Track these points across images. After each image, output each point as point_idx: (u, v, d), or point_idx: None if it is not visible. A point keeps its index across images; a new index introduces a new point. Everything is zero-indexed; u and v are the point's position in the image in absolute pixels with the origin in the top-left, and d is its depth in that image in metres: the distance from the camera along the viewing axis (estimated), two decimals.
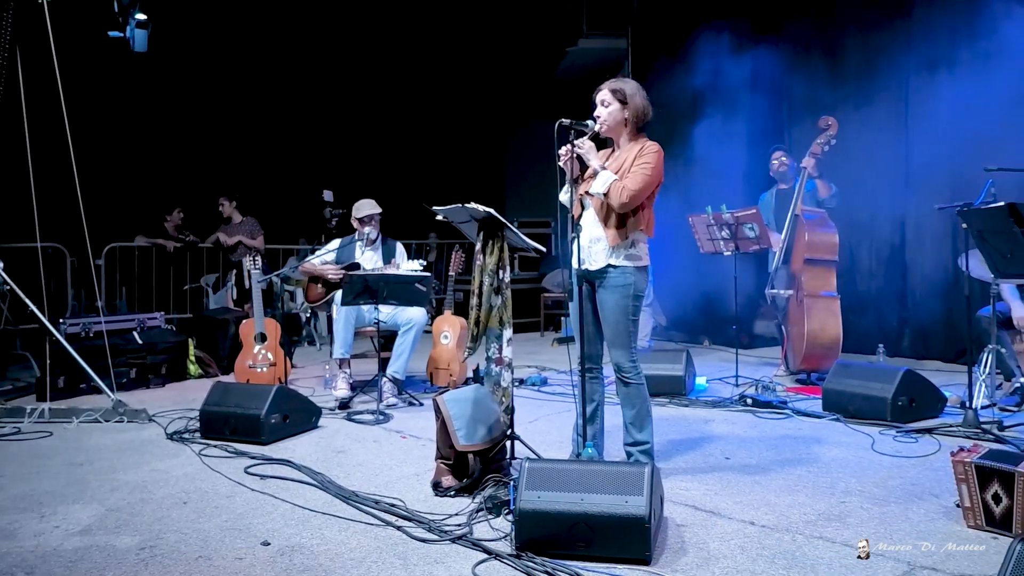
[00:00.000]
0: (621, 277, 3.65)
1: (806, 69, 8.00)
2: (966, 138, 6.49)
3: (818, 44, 7.88)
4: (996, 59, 6.30)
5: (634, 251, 3.68)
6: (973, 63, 6.47)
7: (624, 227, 3.63)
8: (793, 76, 8.14)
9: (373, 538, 3.12)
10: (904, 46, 7.13)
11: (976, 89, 6.44)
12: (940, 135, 6.81)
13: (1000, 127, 6.28)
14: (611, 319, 3.69)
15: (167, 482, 3.89)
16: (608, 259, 3.66)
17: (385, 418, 5.17)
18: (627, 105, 3.67)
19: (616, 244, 3.63)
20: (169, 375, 6.77)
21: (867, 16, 7.46)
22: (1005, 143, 6.20)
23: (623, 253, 3.65)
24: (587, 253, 3.69)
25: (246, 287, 8.18)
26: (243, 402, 4.66)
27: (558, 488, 2.92)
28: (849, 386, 4.98)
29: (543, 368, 7.11)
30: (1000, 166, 4.78)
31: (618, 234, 3.63)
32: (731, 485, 3.72)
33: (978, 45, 6.44)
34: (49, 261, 8.22)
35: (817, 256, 5.98)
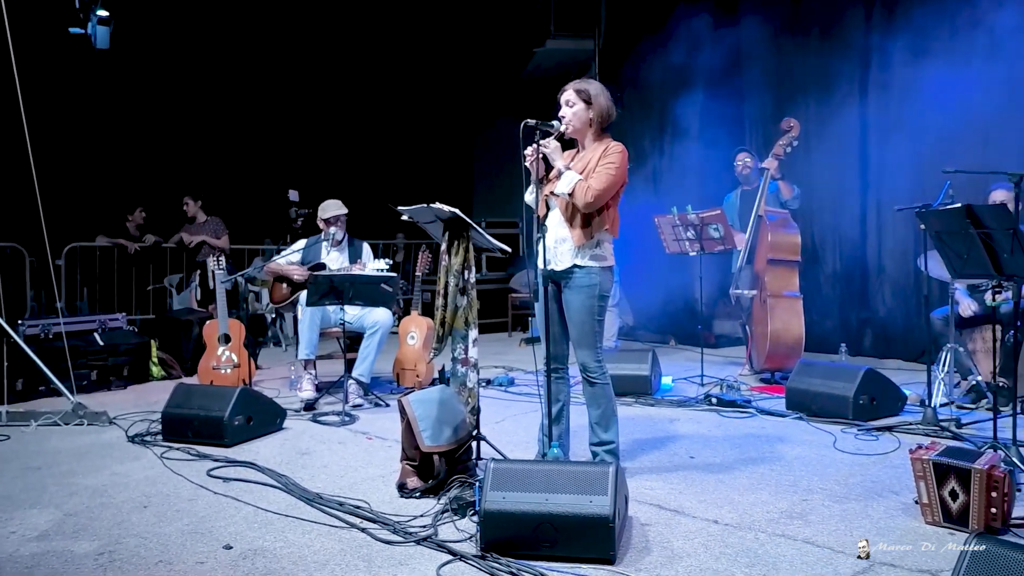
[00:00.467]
0: (587, 277, 3.66)
1: (767, 72, 8.09)
2: (928, 139, 6.61)
3: (780, 47, 7.96)
4: (959, 58, 6.42)
5: (599, 251, 3.69)
6: (936, 63, 6.57)
7: (589, 227, 3.64)
8: (755, 80, 8.22)
9: (337, 540, 3.10)
10: (864, 46, 7.23)
11: (936, 90, 6.55)
12: (902, 135, 6.92)
13: (962, 128, 6.41)
14: (577, 319, 3.70)
15: (127, 486, 3.83)
16: (574, 259, 3.67)
17: (351, 419, 5.14)
18: (592, 105, 3.68)
19: (581, 244, 3.64)
20: (131, 377, 6.68)
21: (827, 19, 7.55)
22: (967, 143, 6.33)
23: (588, 253, 3.66)
24: (552, 253, 3.69)
25: (210, 288, 8.08)
26: (206, 404, 4.61)
27: (523, 488, 2.92)
28: (812, 385, 5.04)
29: (510, 368, 7.12)
30: (959, 167, 4.86)
31: (583, 234, 3.63)
32: (695, 484, 3.75)
33: (940, 45, 6.56)
34: (7, 261, 8.07)
35: (780, 256, 6.05)
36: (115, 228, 9.54)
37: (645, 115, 9.21)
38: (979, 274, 3.77)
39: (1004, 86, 6.19)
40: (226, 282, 6.22)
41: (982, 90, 6.27)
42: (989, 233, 3.55)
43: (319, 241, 6.19)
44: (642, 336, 9.07)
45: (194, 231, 8.53)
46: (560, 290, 3.76)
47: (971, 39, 6.35)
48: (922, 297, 5.19)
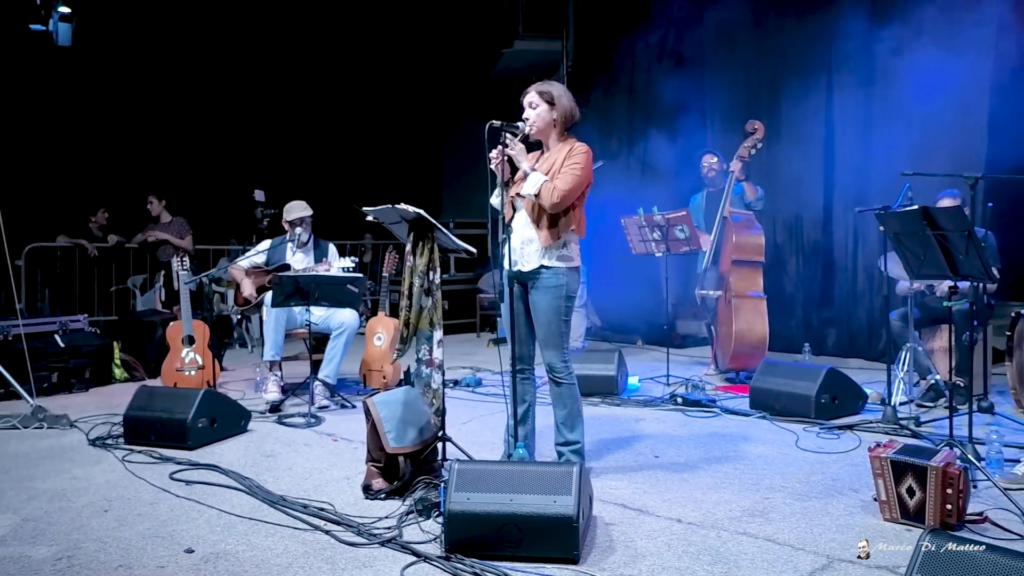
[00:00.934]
0: (554, 278, 3.68)
1: (732, 75, 8.16)
2: (890, 141, 6.72)
3: (744, 49, 8.04)
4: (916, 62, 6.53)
5: (566, 252, 3.70)
6: (896, 65, 6.69)
7: (556, 227, 3.65)
8: (722, 82, 8.29)
9: (300, 543, 3.08)
10: (827, 48, 7.33)
11: (899, 92, 6.67)
12: (865, 137, 7.03)
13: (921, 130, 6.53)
14: (543, 320, 3.72)
15: (88, 490, 3.78)
16: (541, 260, 3.68)
17: (316, 421, 5.11)
18: (555, 106, 3.70)
19: (548, 245, 3.65)
20: (93, 379, 6.58)
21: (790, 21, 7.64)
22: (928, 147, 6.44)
23: (555, 254, 3.68)
24: (519, 254, 3.71)
25: (175, 288, 8.00)
26: (169, 406, 4.56)
27: (487, 489, 2.93)
28: (775, 384, 5.10)
29: (478, 369, 7.12)
30: (917, 170, 4.96)
31: (550, 235, 3.65)
32: (660, 483, 3.78)
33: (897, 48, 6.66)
34: None
35: (744, 257, 6.11)
36: (77, 228, 9.39)
37: (613, 116, 9.25)
38: (936, 275, 3.84)
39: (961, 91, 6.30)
40: (190, 283, 6.15)
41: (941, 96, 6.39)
42: (945, 235, 3.62)
43: (284, 242, 6.15)
44: (609, 336, 9.12)
45: (158, 231, 8.44)
46: (527, 291, 3.77)
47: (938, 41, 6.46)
48: (883, 297, 5.27)
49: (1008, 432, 4.35)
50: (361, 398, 5.68)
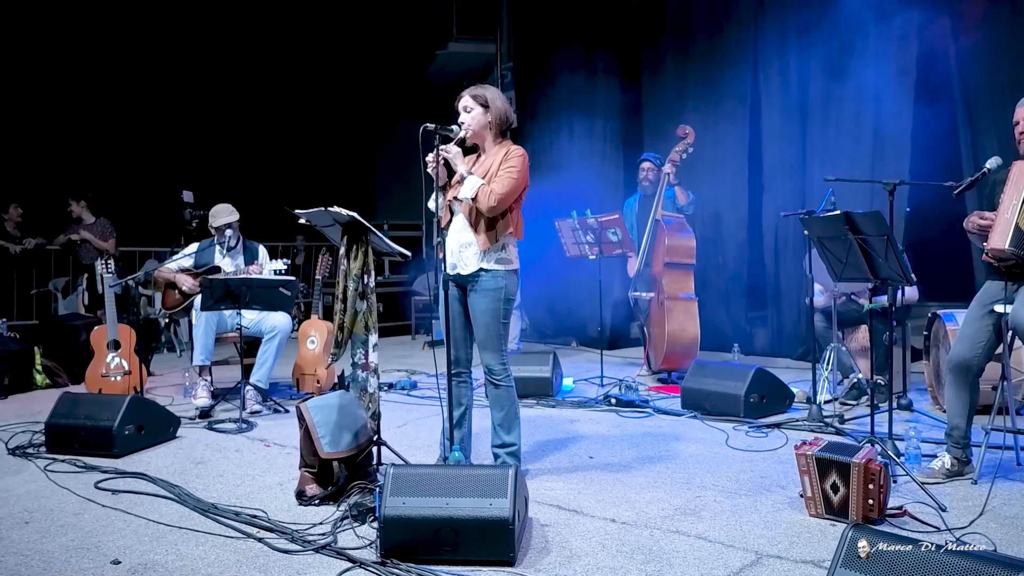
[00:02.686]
0: (492, 281, 3.69)
1: (663, 78, 8.30)
2: (816, 145, 6.94)
3: (673, 53, 8.18)
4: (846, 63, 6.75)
5: (504, 255, 3.72)
6: (822, 67, 6.90)
7: (494, 230, 3.67)
8: (655, 84, 8.42)
9: (232, 551, 3.03)
10: (750, 51, 7.51)
11: (824, 94, 6.89)
12: (789, 140, 7.23)
13: (845, 134, 6.75)
14: (482, 322, 3.73)
15: (7, 501, 3.65)
16: (480, 263, 3.69)
17: (248, 426, 5.03)
18: (489, 109, 3.73)
19: (487, 248, 3.67)
20: (12, 386, 6.36)
21: (716, 23, 7.80)
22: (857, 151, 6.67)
23: (494, 257, 3.69)
24: (458, 258, 3.72)
25: (99, 292, 7.76)
26: (94, 413, 4.43)
27: (423, 493, 2.93)
28: (706, 384, 5.21)
29: (413, 372, 7.09)
30: (839, 175, 5.14)
31: (488, 238, 3.66)
32: (594, 484, 3.82)
33: (824, 49, 6.88)
34: None
35: (676, 260, 6.22)
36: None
37: (548, 118, 9.31)
38: (858, 277, 3.98)
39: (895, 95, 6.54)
40: (115, 286, 5.98)
41: (872, 98, 6.63)
42: (866, 239, 3.75)
43: (212, 244, 6.03)
44: (545, 338, 9.18)
45: (81, 231, 8.19)
46: (465, 294, 3.78)
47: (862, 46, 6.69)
48: (807, 300, 5.43)
49: (925, 428, 4.53)
50: (294, 402, 5.61)
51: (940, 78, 6.43)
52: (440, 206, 3.71)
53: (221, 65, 11.66)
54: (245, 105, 12.15)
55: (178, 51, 11.21)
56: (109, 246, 8.12)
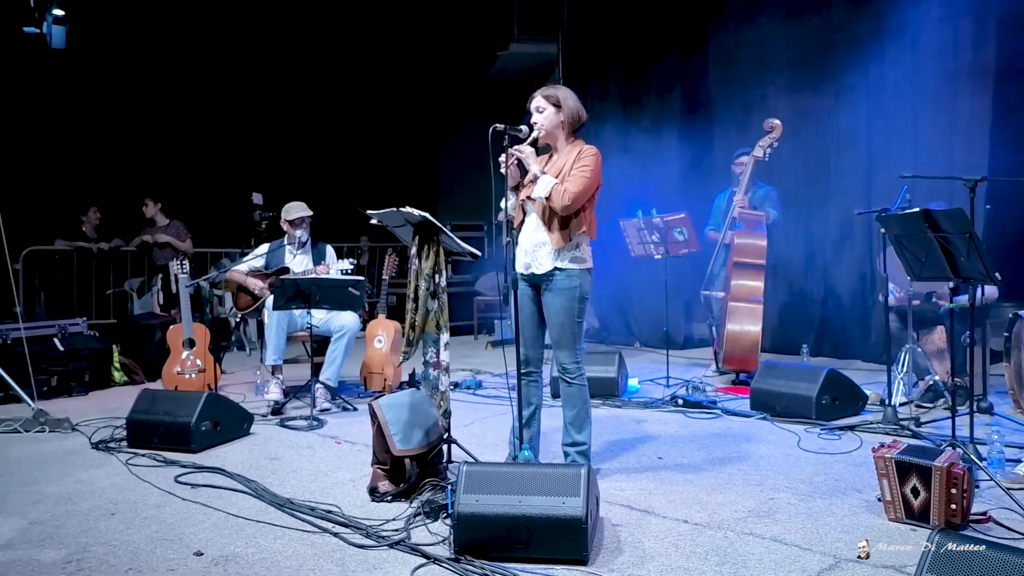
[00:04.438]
0: (567, 280, 3.70)
1: (735, 74, 8.19)
2: (889, 142, 6.75)
3: (747, 47, 8.06)
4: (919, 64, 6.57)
5: (579, 253, 3.73)
6: (897, 67, 6.72)
7: (567, 229, 3.68)
8: (725, 79, 8.31)
9: (309, 545, 3.09)
10: (825, 47, 7.35)
11: (898, 94, 6.71)
12: (863, 138, 7.06)
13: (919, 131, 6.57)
14: (557, 321, 3.74)
15: (93, 493, 3.78)
16: (554, 262, 3.70)
17: (319, 424, 5.12)
18: (561, 109, 3.74)
19: (560, 247, 3.68)
20: (92, 383, 6.57)
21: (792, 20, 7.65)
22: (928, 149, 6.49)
23: (568, 256, 3.70)
24: (532, 257, 3.74)
25: (173, 291, 7.98)
26: (172, 409, 4.56)
27: (496, 491, 2.94)
28: (776, 386, 5.13)
29: (478, 371, 7.13)
30: (915, 172, 5.00)
31: (561, 236, 3.67)
32: (664, 484, 3.79)
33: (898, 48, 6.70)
34: None
35: (746, 260, 6.13)
36: (72, 231, 9.38)
37: (610, 117, 9.27)
38: (937, 276, 3.87)
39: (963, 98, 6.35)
40: (190, 286, 6.15)
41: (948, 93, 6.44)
42: (946, 237, 3.65)
43: (282, 245, 6.15)
44: (608, 338, 9.14)
45: (155, 233, 8.43)
46: (539, 293, 3.79)
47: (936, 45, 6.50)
48: (881, 298, 5.30)
49: (1008, 432, 4.39)
50: (362, 401, 5.73)
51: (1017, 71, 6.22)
52: (512, 206, 3.74)
53: (289, 69, 11.90)
54: (311, 108, 12.38)
55: (248, 55, 11.47)
56: (187, 247, 8.35)
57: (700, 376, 6.35)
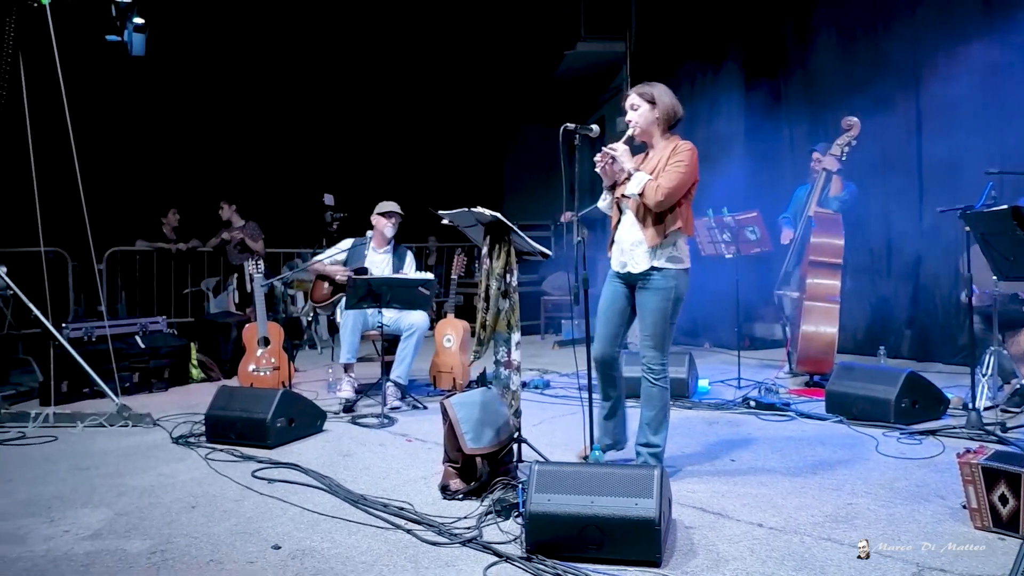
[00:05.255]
0: (663, 280, 3.70)
1: (810, 68, 8.01)
2: (974, 138, 6.52)
3: (823, 42, 7.88)
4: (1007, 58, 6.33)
5: (675, 252, 3.73)
6: (984, 61, 6.48)
7: (662, 225, 3.67)
8: (796, 77, 8.15)
9: (383, 541, 3.13)
10: (913, 45, 7.12)
11: (986, 88, 6.47)
12: (949, 135, 6.82)
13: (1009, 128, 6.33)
14: (649, 320, 3.74)
15: (174, 486, 3.89)
16: (651, 261, 3.70)
17: (390, 422, 5.18)
18: (656, 106, 3.74)
19: (655, 244, 3.68)
20: (172, 379, 6.77)
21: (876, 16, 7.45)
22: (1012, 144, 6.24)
23: (666, 255, 3.71)
24: (628, 256, 3.76)
25: (248, 291, 8.19)
26: (249, 406, 4.66)
27: (568, 491, 2.94)
28: (852, 388, 4.99)
29: (545, 371, 7.12)
30: (1002, 168, 4.82)
31: (656, 232, 3.67)
32: (737, 487, 3.73)
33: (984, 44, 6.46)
34: (51, 266, 8.23)
35: (822, 259, 5.97)
36: (152, 232, 9.69)
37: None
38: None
39: None
40: (264, 286, 6.29)
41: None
42: None
43: (364, 244, 6.24)
44: (677, 339, 9.02)
45: (234, 233, 8.66)
46: (633, 292, 3.81)
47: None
48: (964, 299, 5.13)
49: None
50: (431, 399, 5.78)
51: None
52: (608, 205, 3.80)
53: (358, 72, 12.09)
54: (381, 111, 12.56)
55: (320, 59, 11.70)
56: (259, 247, 8.54)
57: (772, 377, 6.23)
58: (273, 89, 11.58)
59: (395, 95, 12.62)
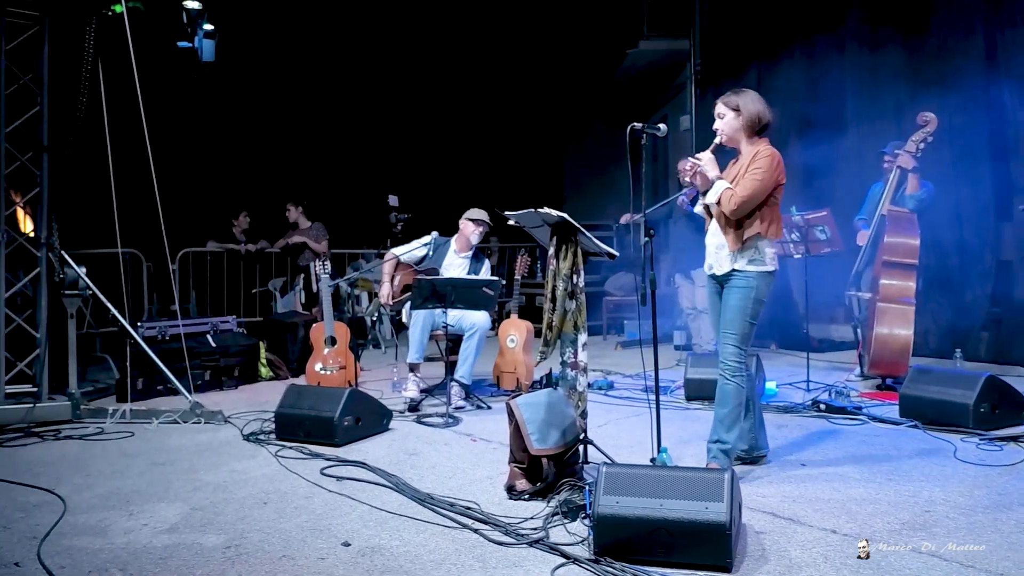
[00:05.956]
0: (743, 281, 3.78)
1: (879, 65, 7.81)
2: None
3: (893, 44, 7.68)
4: None
5: (757, 256, 3.78)
6: None
7: (741, 230, 3.75)
8: (863, 75, 7.95)
9: (451, 540, 3.15)
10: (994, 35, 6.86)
11: None
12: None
13: None
14: (728, 317, 3.82)
15: (247, 482, 3.98)
16: (732, 264, 3.80)
17: (454, 421, 5.21)
18: (740, 113, 3.82)
19: (736, 249, 3.77)
20: (241, 377, 6.92)
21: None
22: None
23: (746, 258, 3.78)
24: (714, 259, 3.89)
25: (313, 291, 8.33)
26: (317, 404, 4.74)
27: (637, 493, 2.91)
28: (928, 392, 4.84)
29: (609, 372, 7.08)
30: None
31: (736, 237, 3.76)
32: (809, 492, 3.66)
33: None
34: (127, 266, 8.48)
35: (896, 259, 5.80)
36: (223, 233, 9.92)
37: None
38: None
39: None
40: (331, 286, 6.38)
41: None
42: None
43: (447, 243, 6.28)
44: None
45: (294, 236, 8.82)
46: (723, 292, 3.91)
47: None
48: None
49: None
50: (495, 399, 5.80)
51: None
52: (701, 210, 3.95)
53: (423, 75, 12.21)
54: (444, 112, 12.66)
55: (384, 63, 11.84)
56: (322, 248, 8.68)
57: (843, 380, 6.10)
58: (338, 92, 11.77)
59: (459, 96, 12.71)
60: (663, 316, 7.66)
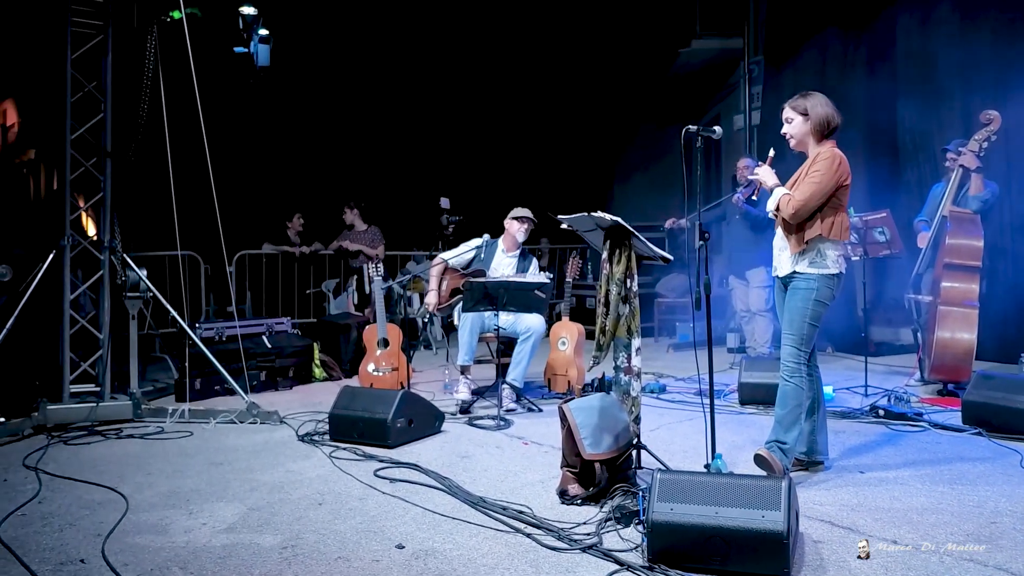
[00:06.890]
0: (804, 282, 3.79)
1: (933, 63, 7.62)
2: None
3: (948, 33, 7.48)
4: None
5: (819, 258, 3.78)
6: None
7: (801, 233, 3.77)
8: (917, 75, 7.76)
9: (504, 544, 3.15)
10: None
11: None
12: None
13: None
14: (788, 317, 3.84)
15: (302, 483, 4.03)
16: (792, 266, 3.82)
17: (506, 424, 5.21)
18: (808, 117, 3.83)
19: (797, 252, 3.78)
20: (296, 378, 7.02)
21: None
22: None
23: (807, 260, 3.79)
24: (778, 261, 3.93)
25: (366, 292, 8.40)
26: (370, 406, 4.78)
27: (691, 500, 2.88)
28: (992, 398, 4.70)
29: (661, 375, 7.02)
30: None
31: (796, 240, 3.78)
32: (868, 501, 3.58)
33: None
34: (186, 269, 8.67)
35: (957, 261, 5.65)
36: (278, 235, 10.08)
37: None
38: None
39: None
40: (384, 288, 6.43)
41: None
42: None
43: (495, 245, 6.30)
44: None
45: (353, 239, 8.90)
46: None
47: None
48: None
49: None
50: (546, 402, 5.79)
51: None
52: None
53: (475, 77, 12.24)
54: (495, 115, 12.68)
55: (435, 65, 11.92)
56: (379, 253, 8.76)
57: (902, 385, 5.95)
58: (391, 95, 11.87)
59: (511, 98, 12.71)
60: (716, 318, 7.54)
